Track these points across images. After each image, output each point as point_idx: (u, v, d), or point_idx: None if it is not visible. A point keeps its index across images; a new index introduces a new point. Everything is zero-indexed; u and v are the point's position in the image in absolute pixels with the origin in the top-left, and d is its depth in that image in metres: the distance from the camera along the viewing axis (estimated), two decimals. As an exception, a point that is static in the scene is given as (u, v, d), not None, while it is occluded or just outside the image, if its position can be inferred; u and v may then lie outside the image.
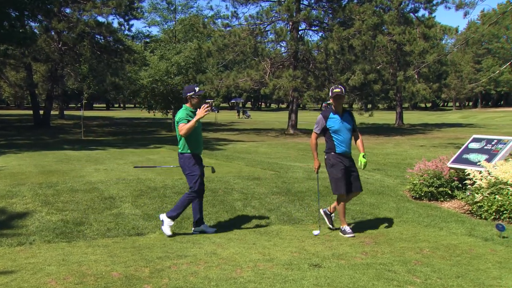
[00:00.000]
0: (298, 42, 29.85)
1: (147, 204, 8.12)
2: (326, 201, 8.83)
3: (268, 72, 29.64)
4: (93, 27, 29.76)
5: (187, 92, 6.79)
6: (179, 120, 6.64)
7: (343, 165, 6.90)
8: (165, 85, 33.76)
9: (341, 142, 6.91)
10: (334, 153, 6.94)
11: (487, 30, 23.69)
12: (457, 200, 8.83)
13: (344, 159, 6.94)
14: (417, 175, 9.37)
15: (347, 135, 6.92)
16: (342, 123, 6.88)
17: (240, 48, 30.01)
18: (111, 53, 32.55)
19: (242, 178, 10.52)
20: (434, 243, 6.45)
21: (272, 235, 6.79)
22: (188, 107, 6.79)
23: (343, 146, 6.92)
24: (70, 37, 31.20)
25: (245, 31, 30.06)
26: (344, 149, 6.93)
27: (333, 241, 6.50)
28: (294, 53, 30.21)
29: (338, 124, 6.87)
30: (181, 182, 9.78)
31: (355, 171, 7.04)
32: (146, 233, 6.72)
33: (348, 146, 6.96)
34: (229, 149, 20.69)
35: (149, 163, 13.44)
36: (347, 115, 6.96)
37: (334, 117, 6.89)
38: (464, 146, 9.56)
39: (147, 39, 59.50)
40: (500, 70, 42.73)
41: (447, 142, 24.38)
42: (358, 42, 28.18)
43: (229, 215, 7.76)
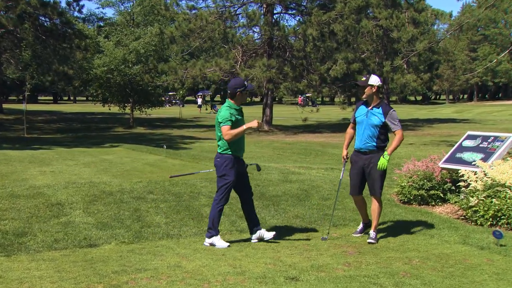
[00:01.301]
0: (273, 27, 29.93)
1: (101, 211, 8.04)
2: (303, 206, 8.88)
3: (239, 61, 29.64)
4: (37, 7, 29.17)
5: (236, 88, 6.80)
6: (223, 120, 6.68)
7: (356, 164, 7.25)
8: (122, 75, 33.49)
9: (358, 136, 7.26)
10: (354, 149, 7.34)
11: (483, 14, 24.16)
12: (450, 204, 8.97)
13: (359, 156, 7.24)
14: (406, 176, 9.49)
15: (365, 129, 7.14)
16: (365, 116, 7.16)
17: (207, 33, 29.93)
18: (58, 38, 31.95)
19: (210, 180, 10.50)
20: (424, 252, 6.55)
21: (244, 245, 6.79)
22: (232, 104, 6.83)
23: (357, 141, 7.26)
24: (9, 19, 30.55)
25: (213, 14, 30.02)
26: (358, 145, 7.23)
27: (312, 251, 6.54)
28: (269, 39, 30.28)
29: (362, 116, 7.21)
30: (140, 185, 9.71)
31: (370, 173, 7.17)
32: (100, 244, 6.66)
33: (361, 142, 7.19)
34: (195, 148, 20.61)
35: (103, 164, 13.31)
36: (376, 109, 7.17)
37: (362, 108, 7.30)
38: (457, 144, 9.72)
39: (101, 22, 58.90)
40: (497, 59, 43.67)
41: (439, 140, 24.78)
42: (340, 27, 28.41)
43: (195, 223, 7.73)
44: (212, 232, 6.79)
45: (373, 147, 7.12)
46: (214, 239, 6.76)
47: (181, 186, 9.86)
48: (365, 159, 7.16)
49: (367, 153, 7.15)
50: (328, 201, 9.27)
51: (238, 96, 6.82)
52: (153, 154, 15.97)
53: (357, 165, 7.24)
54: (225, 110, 6.77)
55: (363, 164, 7.17)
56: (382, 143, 7.15)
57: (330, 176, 11.89)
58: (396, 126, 7.07)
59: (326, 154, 18.65)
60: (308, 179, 11.03)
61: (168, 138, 26.57)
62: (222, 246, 6.70)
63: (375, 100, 7.15)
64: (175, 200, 8.85)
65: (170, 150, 16.89)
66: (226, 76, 30.57)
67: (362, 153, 7.19)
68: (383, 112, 7.07)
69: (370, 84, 7.12)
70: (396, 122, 7.08)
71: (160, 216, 7.95)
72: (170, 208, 8.36)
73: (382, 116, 7.06)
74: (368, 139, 7.12)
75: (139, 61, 33.94)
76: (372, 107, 7.14)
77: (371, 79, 7.14)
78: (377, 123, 7.07)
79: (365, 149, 7.16)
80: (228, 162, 6.75)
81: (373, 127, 7.08)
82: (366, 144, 7.13)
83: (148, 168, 12.70)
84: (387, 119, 7.05)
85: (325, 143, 23.43)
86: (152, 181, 10.26)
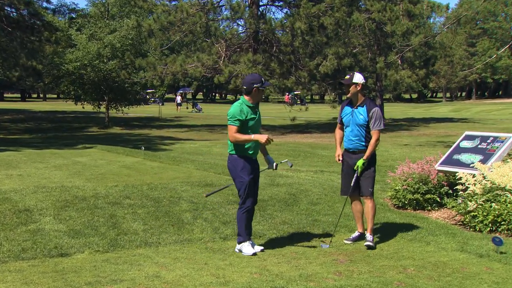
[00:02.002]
0: (259, 20, 29.94)
1: (73, 218, 7.99)
2: (291, 212, 8.89)
3: (222, 56, 29.61)
4: (2, -4, 29.00)
5: (253, 83, 6.80)
6: (231, 119, 6.69)
7: (347, 163, 7.46)
8: (96, 71, 33.30)
9: (346, 137, 7.48)
10: (344, 149, 7.54)
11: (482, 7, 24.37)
12: (446, 209, 9.03)
13: (348, 156, 7.44)
14: (400, 179, 9.54)
15: (352, 129, 7.34)
16: (350, 116, 7.34)
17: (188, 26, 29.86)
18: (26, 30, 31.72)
19: (192, 184, 10.49)
20: (420, 260, 6.58)
21: (227, 253, 6.80)
22: (246, 101, 6.82)
23: (345, 142, 7.47)
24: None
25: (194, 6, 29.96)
26: (347, 145, 7.44)
27: (301, 259, 6.55)
28: (254, 33, 30.28)
29: (347, 116, 7.40)
30: (116, 190, 9.68)
31: (361, 171, 7.34)
32: (72, 253, 6.61)
33: (350, 142, 7.39)
34: (175, 149, 20.57)
35: (76, 166, 13.24)
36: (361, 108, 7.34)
37: (347, 107, 7.47)
38: (455, 145, 9.78)
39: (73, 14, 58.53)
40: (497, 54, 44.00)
41: (435, 140, 24.94)
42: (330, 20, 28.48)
43: (176, 229, 7.72)
44: (240, 238, 6.89)
45: (361, 147, 7.33)
46: (243, 245, 6.84)
47: (160, 190, 9.84)
48: (354, 159, 7.37)
49: (356, 152, 7.36)
50: (318, 206, 9.30)
51: (255, 93, 6.83)
52: (130, 156, 15.91)
53: (347, 165, 7.46)
54: (235, 107, 6.76)
55: (352, 164, 7.38)
56: None
57: (320, 179, 11.93)
58: (375, 125, 7.24)
59: (315, 156, 18.70)
60: (296, 183, 11.06)
61: (147, 139, 26.48)
62: (247, 253, 6.75)
63: (359, 99, 7.33)
64: (153, 205, 8.82)
65: (148, 152, 16.84)
66: (208, 72, 30.53)
67: (351, 152, 7.41)
68: (367, 110, 7.27)
69: (354, 82, 7.28)
70: (376, 122, 7.23)
71: (138, 222, 7.92)
72: (149, 214, 8.33)
73: (366, 113, 7.26)
74: (355, 139, 7.33)
75: (115, 56, 33.78)
76: (357, 106, 7.32)
77: (355, 77, 7.31)
78: (362, 122, 7.27)
79: (353, 149, 7.38)
80: (238, 162, 6.80)
81: (359, 126, 7.30)
82: (355, 144, 7.36)
83: (124, 171, 12.65)
84: (370, 116, 7.23)
85: (315, 144, 23.49)
86: (129, 185, 10.23)
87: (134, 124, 38.41)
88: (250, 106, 6.82)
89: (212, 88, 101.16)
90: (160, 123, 40.43)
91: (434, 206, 9.23)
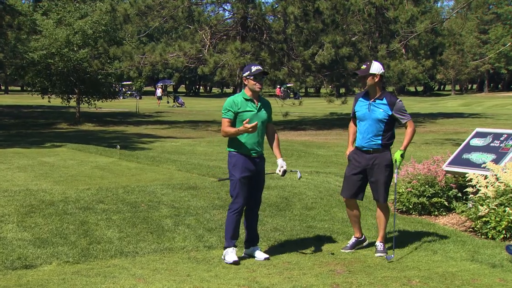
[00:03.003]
0: (247, 4, 29.93)
1: (39, 225, 7.95)
2: (283, 217, 8.89)
3: (207, 44, 29.58)
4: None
5: (243, 73, 7.03)
6: (222, 111, 6.92)
7: (357, 162, 7.34)
8: (65, 61, 33.08)
9: (360, 133, 7.36)
10: (354, 147, 7.45)
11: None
12: (455, 214, 9.06)
13: (361, 155, 7.34)
14: (404, 181, 9.56)
15: (368, 125, 7.25)
16: (367, 110, 7.26)
17: (169, 11, 29.81)
18: (-16, 14, 31.58)
19: (173, 187, 10.46)
20: (426, 271, 6.60)
21: (213, 264, 6.80)
22: (243, 93, 7.01)
23: (359, 140, 7.35)
24: None
25: (175, -12, 29.89)
26: (360, 143, 7.32)
27: (294, 270, 6.56)
28: (242, 19, 30.28)
29: (363, 110, 7.31)
30: (88, 193, 9.63)
31: (374, 175, 7.30)
32: (38, 264, 6.59)
33: (364, 140, 7.30)
34: (155, 148, 20.52)
35: (43, 167, 13.19)
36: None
37: (362, 100, 7.37)
38: (464, 143, 9.81)
39: (39, -4, 58.19)
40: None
41: (443, 138, 25.02)
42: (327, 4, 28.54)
43: (155, 238, 7.70)
44: (225, 243, 6.99)
45: (378, 146, 7.22)
46: (226, 251, 6.93)
47: (138, 194, 9.81)
48: (368, 159, 7.26)
49: (371, 152, 7.25)
50: (313, 211, 9.31)
51: (246, 83, 6.97)
52: (104, 156, 15.86)
53: (357, 165, 7.33)
54: (229, 98, 7.00)
55: (366, 165, 7.28)
56: (388, 140, 7.27)
57: (315, 181, 11.93)
58: (405, 117, 7.23)
59: (310, 156, 18.71)
60: (289, 185, 11.05)
61: (123, 137, 26.39)
62: (228, 261, 6.84)
63: (377, 91, 7.22)
64: (130, 210, 8.80)
65: (124, 151, 16.79)
66: (192, 62, 30.48)
67: (364, 152, 7.29)
68: (388, 104, 7.16)
69: (372, 73, 7.16)
70: (405, 113, 7.22)
71: (113, 230, 7.90)
72: (125, 220, 8.31)
73: (387, 108, 7.15)
74: (372, 136, 7.21)
75: (86, 44, 33.57)
76: (375, 98, 7.21)
77: (373, 67, 7.18)
78: (382, 117, 7.15)
79: (368, 147, 7.25)
80: (231, 159, 7.00)
81: (378, 122, 7.17)
82: (370, 143, 7.23)
83: (98, 172, 12.61)
84: (394, 111, 7.15)
85: (309, 143, 23.51)
86: (103, 188, 10.18)
87: (109, 120, 38.28)
88: (246, 98, 6.93)
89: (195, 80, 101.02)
90: (138, 119, 40.32)
91: (442, 210, 9.25)
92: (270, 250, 7.38)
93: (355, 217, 7.58)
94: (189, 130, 31.29)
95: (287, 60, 30.36)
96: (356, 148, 7.40)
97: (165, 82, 77.70)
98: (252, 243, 7.19)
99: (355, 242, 7.50)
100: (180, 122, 37.49)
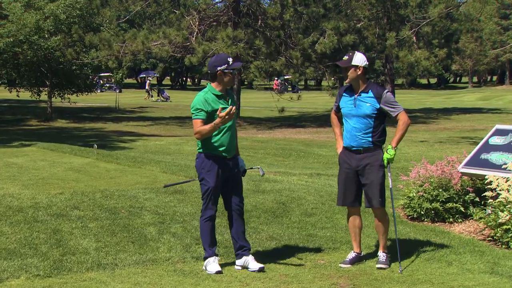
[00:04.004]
0: (241, -14, 29.91)
1: (6, 234, 7.94)
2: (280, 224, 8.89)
3: (195, 31, 29.56)
4: None
5: (216, 66, 6.88)
6: (193, 111, 6.84)
7: (348, 165, 7.32)
8: (35, 50, 32.97)
9: (347, 132, 7.35)
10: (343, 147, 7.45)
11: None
12: (472, 221, 9.06)
13: (350, 156, 7.34)
14: (415, 184, 9.56)
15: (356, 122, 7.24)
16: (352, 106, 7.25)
17: (152, -6, 29.79)
18: None
19: (157, 191, 10.45)
20: (439, 285, 6.61)
21: (201, 277, 6.79)
22: (213, 89, 6.91)
23: (347, 139, 7.36)
24: None
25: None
26: (348, 142, 7.32)
27: (292, 284, 6.56)
28: (234, 3, 30.29)
29: (348, 106, 7.30)
30: (61, 198, 9.62)
31: (367, 176, 7.29)
32: (5, 278, 6.56)
33: (353, 139, 7.30)
34: (137, 147, 20.50)
35: (10, 169, 13.16)
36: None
37: (346, 95, 7.38)
38: (483, 142, 9.81)
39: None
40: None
41: (458, 136, 25.07)
42: (330, -13, 28.53)
43: (137, 248, 7.69)
44: (205, 253, 7.04)
45: (368, 144, 7.22)
46: (207, 261, 6.97)
47: (118, 199, 9.80)
48: (358, 160, 7.26)
49: (361, 152, 7.25)
50: (313, 218, 9.31)
51: (220, 78, 6.88)
52: (80, 156, 15.85)
53: (348, 167, 7.33)
54: (198, 96, 6.90)
55: (356, 166, 7.27)
56: (380, 137, 7.26)
57: (316, 184, 11.94)
58: (395, 109, 7.21)
59: (310, 156, 18.73)
60: (286, 189, 11.05)
61: (101, 135, 26.37)
62: (210, 271, 6.88)
63: (361, 85, 7.25)
64: (109, 217, 8.78)
65: (102, 151, 16.77)
66: (178, 51, 30.45)
67: (354, 152, 7.29)
68: (375, 96, 7.17)
69: (354, 65, 7.19)
70: (394, 105, 7.22)
71: (89, 239, 7.89)
72: (103, 228, 8.29)
73: (374, 101, 7.16)
74: (361, 134, 7.21)
75: (59, 30, 33.46)
76: (360, 92, 7.23)
77: (355, 58, 7.20)
78: (370, 112, 7.16)
79: (358, 147, 7.25)
80: (205, 163, 6.94)
81: (365, 117, 7.18)
82: (360, 141, 7.23)
83: (72, 174, 12.59)
84: (382, 103, 7.15)
85: (310, 141, 23.53)
86: (78, 192, 10.17)
87: (84, 116, 38.25)
88: (217, 94, 6.89)
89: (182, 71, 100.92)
90: (118, 114, 40.30)
91: (457, 217, 9.25)
92: (265, 262, 7.35)
93: (357, 229, 7.54)
94: (175, 128, 31.28)
95: (284, 49, 30.36)
96: (345, 149, 7.41)
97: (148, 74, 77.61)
98: (243, 253, 7.16)
99: (355, 257, 7.44)
100: (165, 118, 37.49)
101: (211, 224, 7.06)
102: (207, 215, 7.02)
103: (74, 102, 38.45)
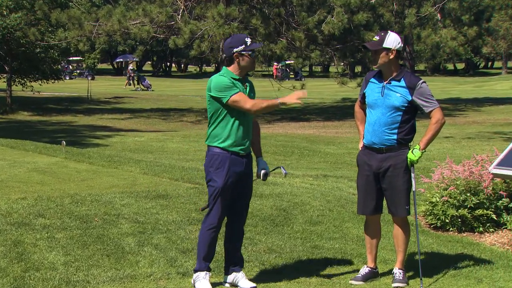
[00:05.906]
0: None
1: (-39, 246, 7.95)
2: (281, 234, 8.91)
3: (181, 9, 29.56)
4: None
5: (232, 47, 6.85)
6: (224, 89, 6.75)
7: (368, 167, 7.32)
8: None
9: (369, 125, 7.30)
10: (363, 145, 7.42)
11: None
12: (506, 230, 9.09)
13: (371, 156, 7.32)
14: (439, 188, 9.58)
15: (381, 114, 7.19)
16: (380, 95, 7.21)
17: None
18: None
19: (137, 196, 10.46)
20: (467, 304, 6.64)
21: (188, 297, 6.80)
22: (230, 72, 6.88)
23: (368, 134, 7.31)
24: None
25: None
26: (369, 138, 7.28)
27: (295, 305, 6.58)
28: (227, -26, 30.26)
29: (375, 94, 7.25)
30: (24, 204, 9.62)
31: (390, 180, 7.25)
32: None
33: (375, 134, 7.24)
34: (113, 144, 20.50)
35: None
36: None
37: (374, 82, 7.33)
38: (518, 138, 9.84)
39: None
40: None
41: (490, 131, 25.08)
42: (338, -44, 28.53)
43: (113, 262, 7.70)
44: (196, 265, 7.01)
45: (392, 142, 7.17)
46: (197, 276, 6.93)
47: (90, 205, 9.80)
48: (379, 161, 7.23)
49: (383, 151, 7.20)
50: (319, 226, 9.31)
51: (238, 61, 6.86)
52: (45, 155, 15.83)
53: (368, 169, 7.31)
54: (219, 77, 6.85)
55: (377, 168, 7.23)
56: (407, 135, 7.21)
57: (322, 187, 11.96)
58: (430, 105, 7.13)
59: (316, 154, 18.75)
60: (288, 193, 11.07)
61: (70, 129, 26.37)
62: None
63: (393, 70, 7.19)
64: (80, 227, 8.79)
65: (72, 148, 16.77)
66: (161, 32, 30.42)
67: (375, 150, 7.25)
68: (407, 86, 7.11)
69: (386, 48, 7.12)
70: (430, 99, 7.13)
71: (56, 252, 7.89)
72: (73, 239, 8.30)
73: (406, 92, 7.10)
74: (385, 129, 7.15)
75: (20, 6, 33.45)
76: (390, 80, 7.17)
77: (388, 40, 7.12)
78: (399, 104, 7.10)
79: (380, 144, 7.20)
80: (216, 160, 6.87)
81: (394, 110, 7.11)
82: (382, 138, 7.17)
83: (36, 176, 12.58)
84: (415, 96, 7.09)
85: (315, 137, 23.55)
86: (43, 197, 10.17)
87: (51, 107, 38.22)
88: (236, 78, 6.86)
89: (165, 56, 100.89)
90: (90, 106, 40.30)
91: (488, 226, 9.27)
92: (263, 278, 7.38)
93: (374, 241, 7.53)
94: (158, 121, 31.30)
95: (285, 29, 30.35)
96: (365, 147, 7.37)
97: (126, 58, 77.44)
98: (235, 268, 7.16)
99: (368, 273, 7.43)
100: (146, 110, 37.49)
101: (214, 235, 6.99)
102: (210, 222, 6.95)
103: (38, 91, 38.42)
